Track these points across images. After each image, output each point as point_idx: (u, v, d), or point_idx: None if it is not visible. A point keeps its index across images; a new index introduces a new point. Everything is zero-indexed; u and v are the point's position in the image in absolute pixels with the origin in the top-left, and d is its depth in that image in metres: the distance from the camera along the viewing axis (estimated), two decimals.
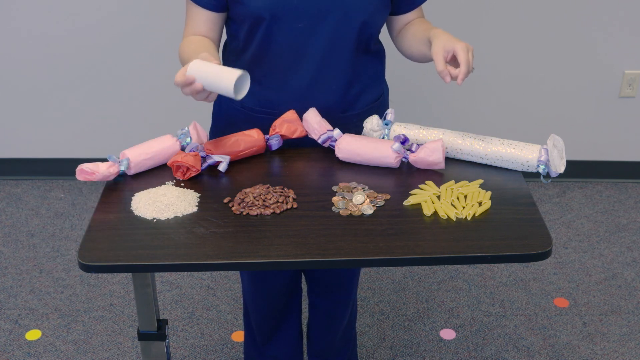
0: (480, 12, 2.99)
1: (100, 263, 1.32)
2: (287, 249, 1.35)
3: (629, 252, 2.87)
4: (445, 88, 3.12)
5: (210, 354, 2.39)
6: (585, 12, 2.99)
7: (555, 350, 2.41)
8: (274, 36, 1.61)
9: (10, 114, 3.19)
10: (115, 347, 2.41)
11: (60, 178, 3.31)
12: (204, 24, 1.66)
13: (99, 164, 1.53)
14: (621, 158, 3.30)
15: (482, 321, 2.53)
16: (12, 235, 2.95)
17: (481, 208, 1.47)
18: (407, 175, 1.59)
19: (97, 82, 3.12)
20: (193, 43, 1.63)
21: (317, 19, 1.59)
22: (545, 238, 1.39)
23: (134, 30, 3.01)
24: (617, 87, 3.15)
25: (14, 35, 3.02)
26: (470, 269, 2.77)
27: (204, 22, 1.66)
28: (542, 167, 1.58)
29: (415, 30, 1.70)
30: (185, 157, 1.55)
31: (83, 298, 2.61)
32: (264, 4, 1.58)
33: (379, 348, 2.42)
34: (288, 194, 1.50)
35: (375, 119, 1.66)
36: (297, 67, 1.64)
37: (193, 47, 1.60)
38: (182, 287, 2.67)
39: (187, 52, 1.61)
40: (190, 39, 1.66)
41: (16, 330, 2.47)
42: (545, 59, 3.09)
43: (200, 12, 1.65)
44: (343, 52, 1.64)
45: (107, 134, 3.23)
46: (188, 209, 1.46)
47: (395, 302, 2.61)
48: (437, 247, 1.37)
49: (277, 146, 1.66)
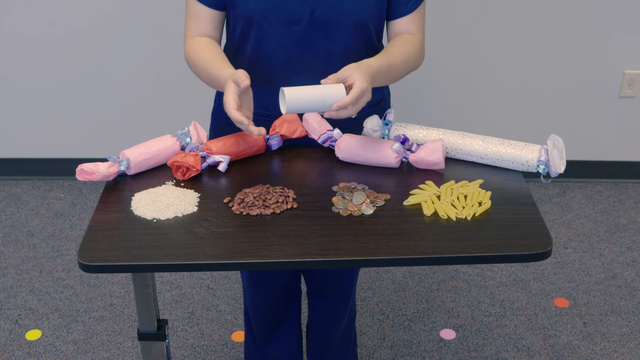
0: (480, 12, 2.99)
1: (100, 263, 1.32)
2: (287, 249, 1.35)
3: (629, 252, 2.87)
4: (445, 88, 3.12)
5: (210, 354, 2.40)
6: (585, 12, 2.99)
7: (555, 350, 2.41)
8: (266, 38, 1.61)
9: (10, 114, 3.19)
10: (115, 347, 2.41)
11: (60, 178, 3.31)
12: (208, 23, 1.65)
13: (99, 164, 1.53)
14: (621, 158, 3.30)
15: (482, 321, 2.53)
16: (12, 235, 2.95)
17: (481, 208, 1.47)
18: (407, 175, 1.59)
19: (97, 82, 3.12)
20: (206, 49, 1.61)
21: (311, 22, 1.58)
22: (545, 238, 1.39)
23: (133, 30, 3.01)
24: (617, 87, 3.15)
25: (14, 35, 3.02)
26: (470, 269, 2.77)
27: (208, 21, 1.65)
28: (542, 167, 1.58)
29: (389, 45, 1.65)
30: (185, 157, 1.55)
31: (83, 298, 2.61)
32: (255, 6, 1.58)
33: (379, 348, 2.42)
34: (288, 194, 1.50)
35: (375, 119, 1.66)
36: (294, 71, 1.63)
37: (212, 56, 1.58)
38: (182, 287, 2.67)
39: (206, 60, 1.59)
40: (200, 43, 1.64)
41: (16, 330, 2.47)
42: (545, 58, 3.09)
43: (204, 11, 1.64)
44: (339, 57, 1.62)
45: (107, 134, 3.23)
46: (188, 209, 1.46)
47: (395, 302, 2.61)
48: (437, 247, 1.37)
49: (277, 146, 1.66)
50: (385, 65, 1.55)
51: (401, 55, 1.61)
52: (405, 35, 1.67)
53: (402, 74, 1.65)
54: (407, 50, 1.63)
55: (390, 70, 1.58)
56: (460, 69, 3.09)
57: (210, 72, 1.58)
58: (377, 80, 1.53)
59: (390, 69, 1.57)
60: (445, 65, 3.07)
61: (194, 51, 1.63)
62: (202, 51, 1.62)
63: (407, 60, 1.62)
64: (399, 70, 1.61)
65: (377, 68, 1.52)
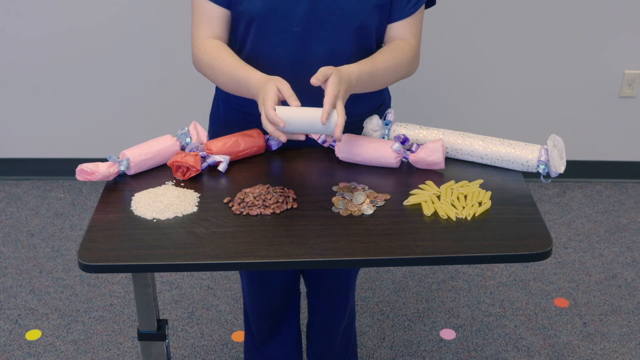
0: (480, 12, 2.99)
1: (100, 263, 1.32)
2: (287, 249, 1.35)
3: (629, 252, 2.87)
4: (445, 88, 3.12)
5: (210, 354, 2.39)
6: (585, 12, 2.99)
7: (555, 350, 2.41)
8: (268, 37, 1.60)
9: (10, 114, 3.19)
10: (115, 347, 2.41)
11: (60, 178, 3.31)
12: (217, 22, 1.63)
13: (99, 164, 1.53)
14: (621, 158, 3.30)
15: (482, 321, 2.53)
16: (12, 235, 2.95)
17: (481, 208, 1.47)
18: (407, 175, 1.59)
19: (97, 82, 3.12)
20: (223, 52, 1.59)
21: (313, 23, 1.58)
22: (545, 238, 1.39)
23: (134, 30, 3.01)
24: (617, 87, 3.15)
25: (14, 35, 3.02)
26: (470, 269, 2.77)
27: (217, 21, 1.63)
28: (542, 167, 1.58)
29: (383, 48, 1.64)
30: (185, 157, 1.55)
31: (83, 298, 2.61)
32: (255, 5, 1.57)
33: (379, 348, 2.42)
34: (288, 194, 1.50)
35: (375, 119, 1.66)
36: (295, 71, 1.62)
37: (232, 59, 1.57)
38: (182, 287, 2.67)
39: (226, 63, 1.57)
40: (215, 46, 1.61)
41: (16, 330, 2.47)
42: (545, 58, 3.09)
43: (214, 10, 1.61)
44: (342, 58, 1.61)
45: (107, 134, 3.24)
46: (188, 209, 1.46)
47: (395, 302, 2.61)
48: (437, 247, 1.37)
49: (277, 146, 1.66)
50: (366, 71, 1.55)
51: (386, 62, 1.60)
52: (397, 41, 1.66)
53: (389, 81, 1.64)
54: (395, 57, 1.62)
55: (373, 77, 1.57)
56: (460, 68, 3.09)
57: (234, 74, 1.56)
58: (355, 86, 1.53)
59: (372, 76, 1.57)
60: (445, 65, 3.07)
61: (209, 54, 1.61)
62: (220, 54, 1.59)
63: (393, 67, 1.61)
64: (384, 77, 1.61)
65: (356, 75, 1.52)
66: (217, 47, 1.61)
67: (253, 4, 1.58)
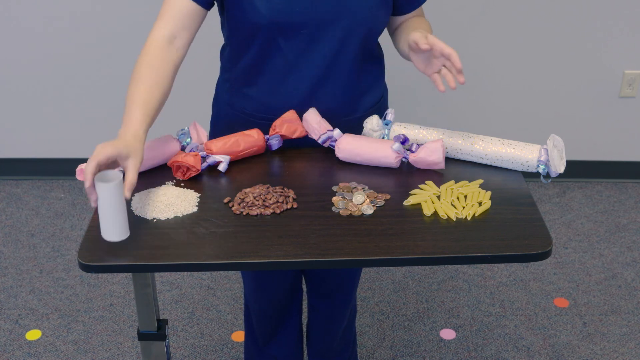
0: (480, 12, 2.99)
1: (100, 263, 1.32)
2: (287, 249, 1.35)
3: (629, 252, 2.87)
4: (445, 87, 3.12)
5: (210, 354, 2.40)
6: (585, 12, 2.99)
7: (555, 350, 2.41)
8: (275, 41, 1.58)
9: (10, 114, 3.19)
10: (115, 347, 2.41)
11: (60, 178, 3.31)
12: (185, 19, 1.54)
13: None
14: (621, 158, 3.30)
15: (482, 321, 2.53)
16: (12, 235, 2.95)
17: (481, 208, 1.47)
18: (407, 175, 1.59)
19: (97, 82, 3.12)
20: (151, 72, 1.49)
21: (322, 27, 1.57)
22: (545, 238, 1.39)
23: (134, 30, 3.01)
24: (617, 87, 3.15)
25: (14, 35, 3.02)
26: (470, 269, 2.77)
27: (186, 17, 1.54)
28: (542, 167, 1.58)
29: (410, 25, 1.67)
30: (185, 157, 1.55)
31: (83, 298, 2.61)
32: (264, 13, 1.54)
33: (379, 348, 2.42)
34: (288, 194, 1.50)
35: (375, 119, 1.66)
36: (300, 73, 1.62)
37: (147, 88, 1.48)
38: (182, 287, 2.67)
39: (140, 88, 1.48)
40: (154, 56, 1.51)
41: (16, 330, 2.47)
42: (545, 58, 3.09)
43: (186, 5, 1.54)
44: (347, 59, 1.61)
45: (107, 134, 3.23)
46: (188, 209, 1.46)
47: (395, 302, 2.61)
48: (437, 247, 1.37)
49: (277, 146, 1.66)
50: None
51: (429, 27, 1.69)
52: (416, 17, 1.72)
53: None
54: (428, 23, 1.71)
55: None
56: None
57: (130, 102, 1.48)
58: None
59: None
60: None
61: (141, 60, 1.52)
62: (143, 71, 1.50)
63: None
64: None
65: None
66: (150, 61, 1.52)
67: (263, 10, 1.54)
